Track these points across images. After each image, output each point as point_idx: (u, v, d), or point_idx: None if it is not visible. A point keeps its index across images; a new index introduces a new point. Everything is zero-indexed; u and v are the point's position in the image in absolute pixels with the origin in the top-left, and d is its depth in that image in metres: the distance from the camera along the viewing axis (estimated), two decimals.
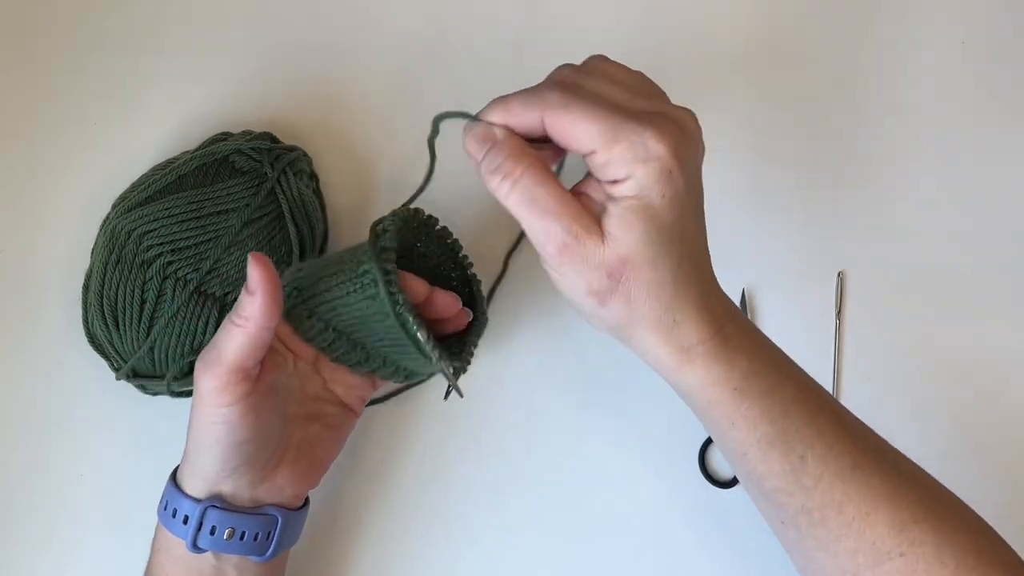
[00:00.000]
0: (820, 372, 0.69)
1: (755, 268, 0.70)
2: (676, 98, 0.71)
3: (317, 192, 0.68)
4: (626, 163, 0.45)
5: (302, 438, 0.57)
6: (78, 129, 0.69)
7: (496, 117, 0.47)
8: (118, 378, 0.63)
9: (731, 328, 0.50)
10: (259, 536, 0.54)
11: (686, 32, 0.73)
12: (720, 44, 0.73)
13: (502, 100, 0.48)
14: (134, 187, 0.63)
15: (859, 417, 0.55)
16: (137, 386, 0.64)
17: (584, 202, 0.47)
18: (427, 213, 0.59)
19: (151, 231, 0.60)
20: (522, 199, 0.46)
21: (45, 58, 0.70)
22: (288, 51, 0.71)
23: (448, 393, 0.60)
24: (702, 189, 0.51)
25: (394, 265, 0.53)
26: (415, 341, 0.53)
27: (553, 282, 0.49)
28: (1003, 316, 0.70)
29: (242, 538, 0.53)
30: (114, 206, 0.63)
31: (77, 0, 0.71)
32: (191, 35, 0.71)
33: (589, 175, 0.48)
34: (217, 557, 0.54)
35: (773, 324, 0.69)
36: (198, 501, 0.53)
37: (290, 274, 0.56)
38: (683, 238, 0.48)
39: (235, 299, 0.60)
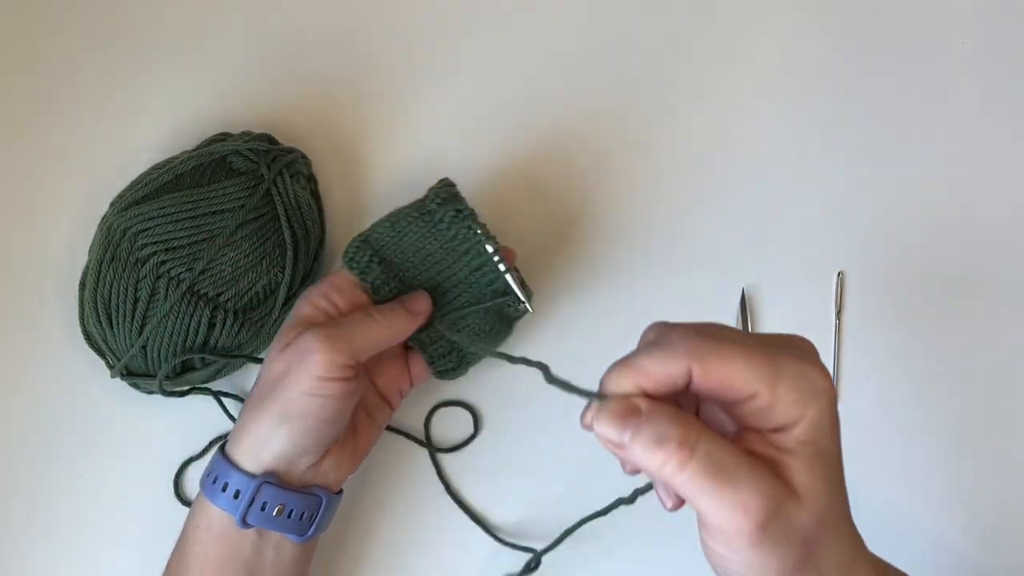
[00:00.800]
0: None
1: (755, 268, 0.69)
2: (674, 88, 0.72)
3: (315, 194, 0.68)
4: (795, 403, 0.39)
5: (351, 425, 0.59)
6: (78, 128, 0.70)
7: (628, 383, 0.40)
8: (112, 376, 0.63)
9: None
10: (304, 516, 0.55)
11: (683, 42, 0.73)
12: (720, 42, 0.73)
13: (627, 364, 0.40)
14: (132, 186, 0.63)
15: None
16: (131, 384, 0.64)
17: (779, 446, 0.40)
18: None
19: (145, 230, 0.60)
20: (704, 469, 0.38)
21: (45, 58, 0.71)
22: (289, 53, 0.71)
23: (521, 304, 0.61)
24: None
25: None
26: (489, 258, 0.59)
27: (721, 570, 0.41)
28: (1003, 316, 0.69)
29: (289, 516, 0.55)
30: (112, 205, 0.63)
31: (77, 0, 0.71)
32: (191, 35, 0.71)
33: (740, 431, 0.41)
34: (260, 534, 0.55)
35: (773, 324, 0.69)
36: (253, 476, 0.54)
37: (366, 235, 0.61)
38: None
39: (227, 299, 0.61)
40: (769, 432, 0.40)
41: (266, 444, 0.54)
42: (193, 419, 0.66)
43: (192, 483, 0.66)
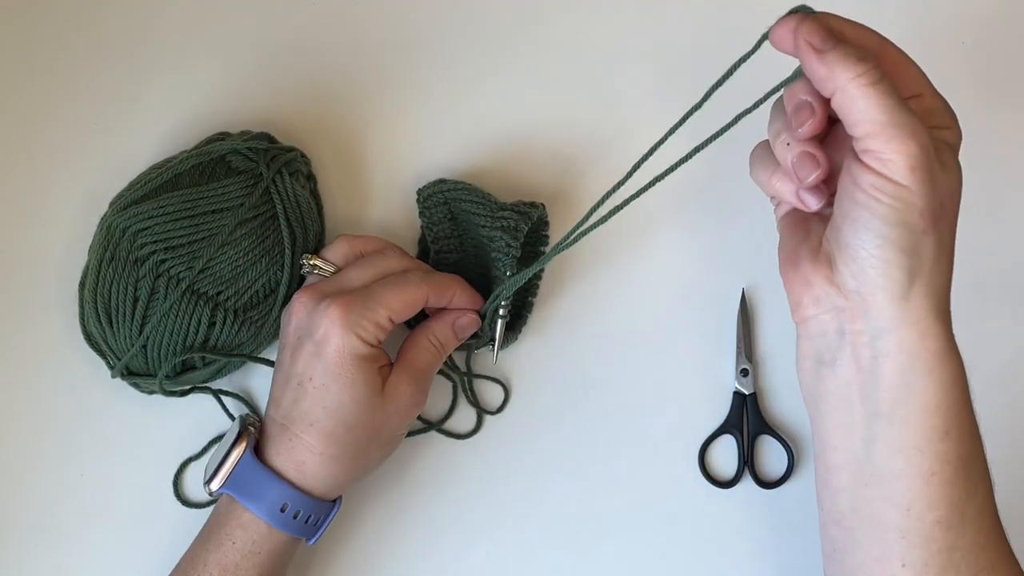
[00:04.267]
0: None
1: (755, 268, 0.69)
2: (674, 88, 0.71)
3: (314, 193, 0.68)
4: (950, 115, 0.47)
5: None
6: (77, 128, 0.69)
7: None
8: (113, 376, 0.63)
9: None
10: (319, 521, 0.59)
11: (683, 43, 0.73)
12: (720, 42, 0.73)
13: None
14: (131, 185, 0.63)
15: None
16: (131, 384, 0.64)
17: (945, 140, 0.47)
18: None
19: (145, 229, 0.60)
20: (892, 91, 0.43)
21: (45, 58, 0.71)
22: (289, 52, 0.71)
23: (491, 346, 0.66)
24: None
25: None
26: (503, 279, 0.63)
27: (868, 207, 0.44)
28: (1003, 316, 0.69)
29: (311, 521, 0.58)
30: (111, 204, 0.63)
31: (76, 0, 0.71)
32: (191, 35, 0.71)
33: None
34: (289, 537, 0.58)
35: (773, 324, 0.69)
36: (332, 503, 0.60)
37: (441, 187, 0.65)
38: None
39: (227, 298, 0.61)
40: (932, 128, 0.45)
41: (355, 477, 0.59)
42: (193, 419, 0.66)
43: (192, 483, 0.66)
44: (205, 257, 0.60)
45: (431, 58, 0.71)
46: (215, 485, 0.57)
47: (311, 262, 0.61)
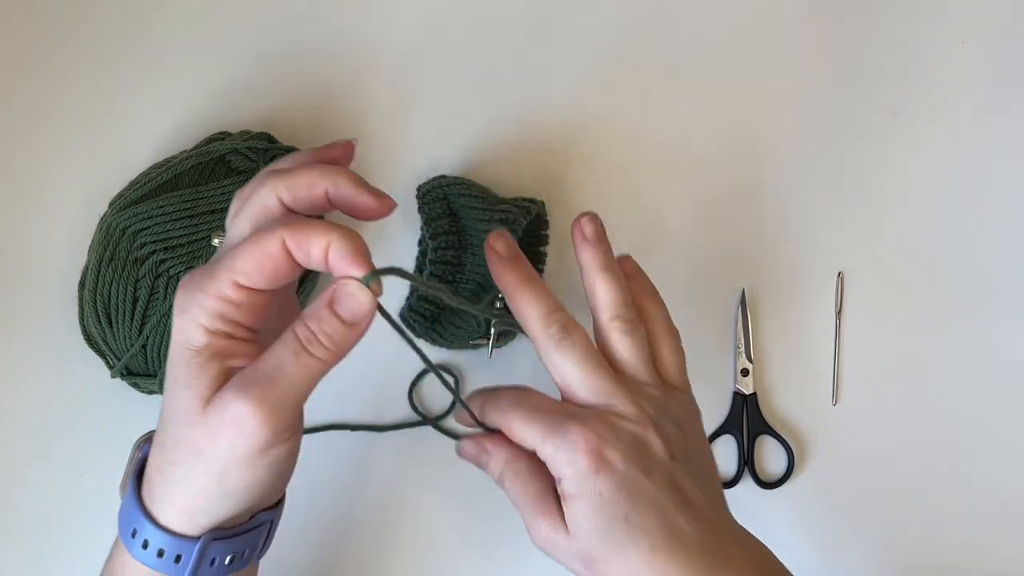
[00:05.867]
0: (820, 372, 0.69)
1: (755, 268, 0.69)
2: (674, 88, 0.71)
3: None
4: (558, 463, 0.48)
5: None
6: (77, 128, 0.69)
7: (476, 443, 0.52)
8: (112, 376, 0.63)
9: None
10: (256, 547, 0.49)
11: (683, 44, 0.72)
12: (720, 42, 0.73)
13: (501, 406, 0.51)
14: (131, 185, 0.63)
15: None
16: (131, 384, 0.64)
17: (561, 492, 0.49)
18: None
19: (144, 229, 0.60)
20: (515, 497, 0.50)
21: (44, 57, 0.70)
22: (289, 52, 0.71)
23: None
24: (662, 456, 0.49)
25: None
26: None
27: None
28: (1003, 316, 0.69)
29: (242, 556, 0.47)
30: (111, 204, 0.63)
31: (76, 0, 0.71)
32: (191, 35, 0.71)
33: None
34: None
35: (773, 324, 0.69)
36: (195, 539, 0.45)
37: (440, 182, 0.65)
38: (650, 521, 0.47)
39: None
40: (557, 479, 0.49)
41: (205, 512, 0.44)
42: None
43: None
44: (205, 257, 0.60)
45: (431, 57, 0.71)
46: (120, 490, 0.49)
47: (215, 241, 0.50)
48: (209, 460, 0.42)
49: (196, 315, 0.41)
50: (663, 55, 0.72)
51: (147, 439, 0.48)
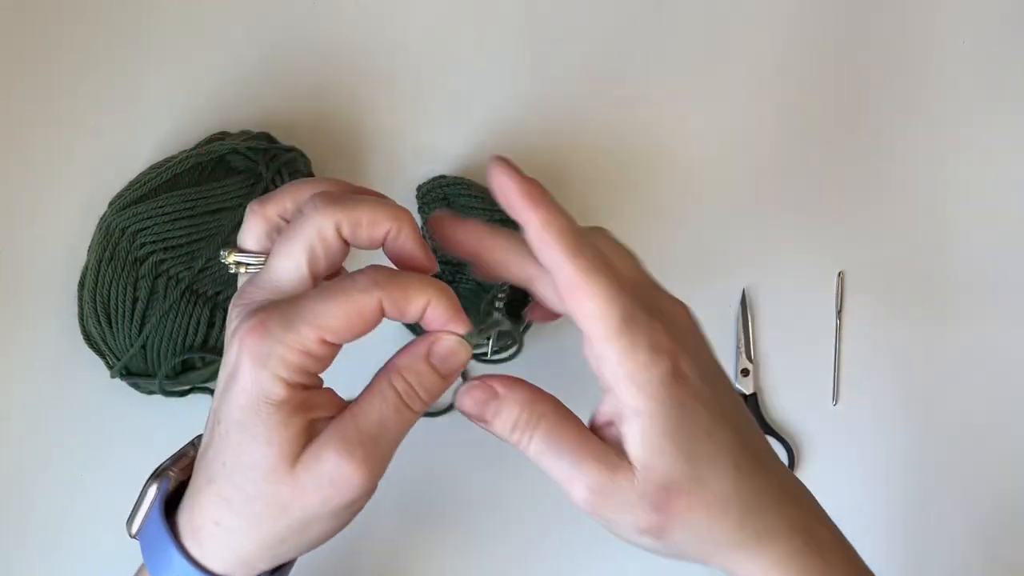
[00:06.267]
0: (820, 372, 0.69)
1: (755, 268, 0.69)
2: (674, 87, 0.71)
3: None
4: (631, 367, 0.40)
5: None
6: (77, 128, 0.69)
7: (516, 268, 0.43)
8: (112, 376, 0.63)
9: (824, 535, 0.44)
10: None
11: (682, 44, 0.72)
12: (721, 42, 0.73)
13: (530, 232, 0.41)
14: (130, 185, 0.63)
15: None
16: (131, 384, 0.64)
17: (604, 432, 0.42)
18: None
19: (144, 229, 0.60)
20: (543, 448, 0.41)
21: (44, 58, 0.70)
22: (288, 52, 0.71)
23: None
24: (726, 381, 0.44)
25: None
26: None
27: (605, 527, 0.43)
28: (1003, 316, 0.69)
29: None
30: (110, 204, 0.63)
31: (76, 0, 0.71)
32: (191, 34, 0.71)
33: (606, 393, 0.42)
34: None
35: (773, 324, 0.69)
36: None
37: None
38: (729, 437, 0.41)
39: (226, 298, 0.60)
40: (613, 395, 0.41)
41: (272, 560, 0.43)
42: (193, 419, 0.66)
43: None
44: (204, 257, 0.60)
45: (431, 57, 0.71)
46: (133, 528, 0.46)
47: (230, 259, 0.44)
48: (294, 516, 0.41)
49: (277, 369, 0.39)
50: (663, 55, 0.72)
51: (157, 475, 0.46)
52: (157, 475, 0.45)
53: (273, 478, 0.40)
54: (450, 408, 0.67)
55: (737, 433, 0.42)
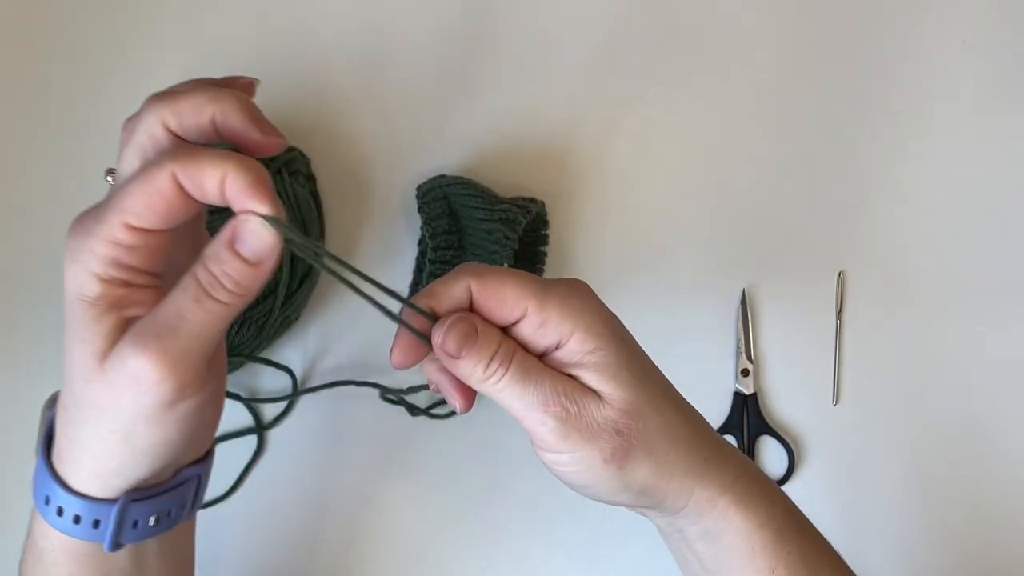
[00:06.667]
0: (820, 372, 0.69)
1: (755, 268, 0.69)
2: (674, 87, 0.71)
3: (314, 193, 0.68)
4: (565, 317, 0.42)
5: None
6: (77, 128, 0.69)
7: (423, 302, 0.43)
8: None
9: (754, 465, 0.47)
10: (185, 504, 0.45)
11: (682, 43, 0.72)
12: (720, 41, 0.73)
13: (423, 292, 0.43)
14: None
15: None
16: None
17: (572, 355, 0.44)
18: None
19: None
20: (516, 378, 0.42)
21: (44, 59, 0.70)
22: (288, 52, 0.71)
23: None
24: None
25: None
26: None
27: (565, 476, 0.44)
28: (1003, 316, 0.69)
29: (169, 514, 0.44)
30: None
31: (76, 0, 0.71)
32: (190, 34, 0.71)
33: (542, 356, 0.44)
34: (136, 545, 0.44)
35: (773, 324, 0.69)
36: (112, 502, 0.42)
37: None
38: (659, 374, 0.45)
39: None
40: (555, 351, 0.43)
41: (117, 473, 0.41)
42: None
43: None
44: None
45: (431, 57, 0.71)
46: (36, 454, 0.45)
47: (109, 179, 0.44)
48: (113, 419, 0.39)
49: (87, 263, 0.38)
50: (663, 55, 0.72)
51: (55, 399, 0.43)
52: (54, 400, 0.44)
53: (88, 378, 0.38)
54: (453, 413, 0.67)
55: (661, 372, 0.46)
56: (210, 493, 0.65)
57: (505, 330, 0.43)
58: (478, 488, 0.67)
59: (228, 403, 0.66)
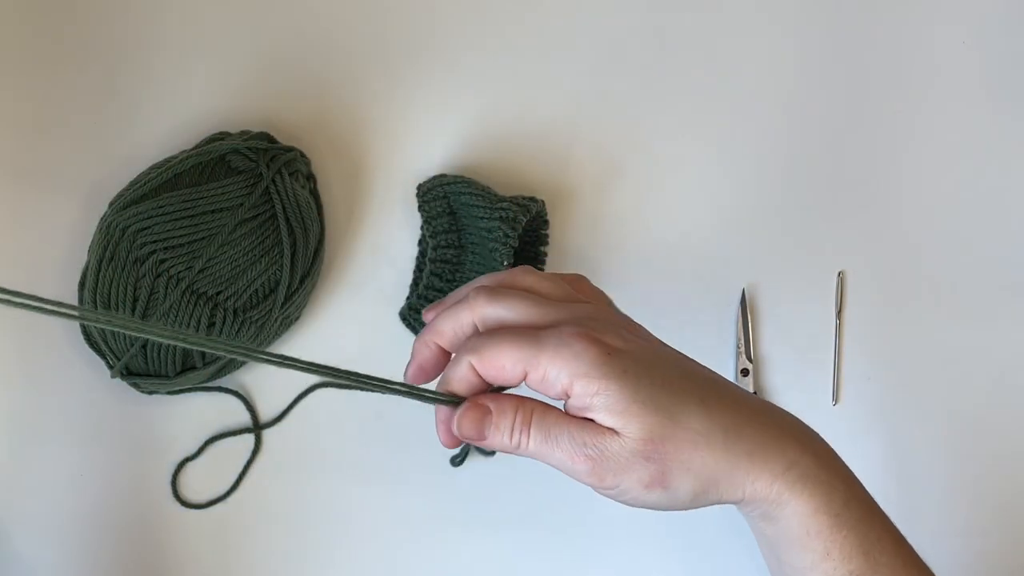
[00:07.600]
0: (820, 372, 0.69)
1: (755, 268, 0.69)
2: (675, 87, 0.71)
3: (314, 193, 0.68)
4: (561, 370, 0.43)
5: None
6: (77, 128, 0.69)
7: (445, 391, 0.46)
8: (112, 376, 0.63)
9: (820, 445, 0.48)
10: None
11: (682, 42, 0.72)
12: (721, 42, 0.73)
13: (440, 383, 0.46)
14: (131, 185, 0.64)
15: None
16: (131, 384, 0.64)
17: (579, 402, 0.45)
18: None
19: (145, 228, 0.60)
20: (540, 440, 0.45)
21: (44, 59, 0.70)
22: (288, 51, 0.71)
23: None
24: (652, 336, 0.49)
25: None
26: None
27: (625, 504, 0.46)
28: (1002, 316, 0.69)
29: None
30: (111, 204, 0.63)
31: (76, 0, 0.71)
32: (191, 34, 0.71)
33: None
34: None
35: (773, 324, 0.69)
36: None
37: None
38: (682, 380, 0.46)
39: (226, 298, 0.61)
40: (568, 399, 0.44)
41: None
42: (193, 419, 0.66)
43: (189, 483, 0.66)
44: (205, 257, 0.60)
45: (431, 57, 0.71)
46: None
47: None
48: None
49: None
50: (663, 55, 0.72)
51: None
52: None
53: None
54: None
55: (687, 374, 0.46)
56: (210, 493, 0.65)
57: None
58: (478, 488, 0.67)
59: (227, 402, 0.66)
